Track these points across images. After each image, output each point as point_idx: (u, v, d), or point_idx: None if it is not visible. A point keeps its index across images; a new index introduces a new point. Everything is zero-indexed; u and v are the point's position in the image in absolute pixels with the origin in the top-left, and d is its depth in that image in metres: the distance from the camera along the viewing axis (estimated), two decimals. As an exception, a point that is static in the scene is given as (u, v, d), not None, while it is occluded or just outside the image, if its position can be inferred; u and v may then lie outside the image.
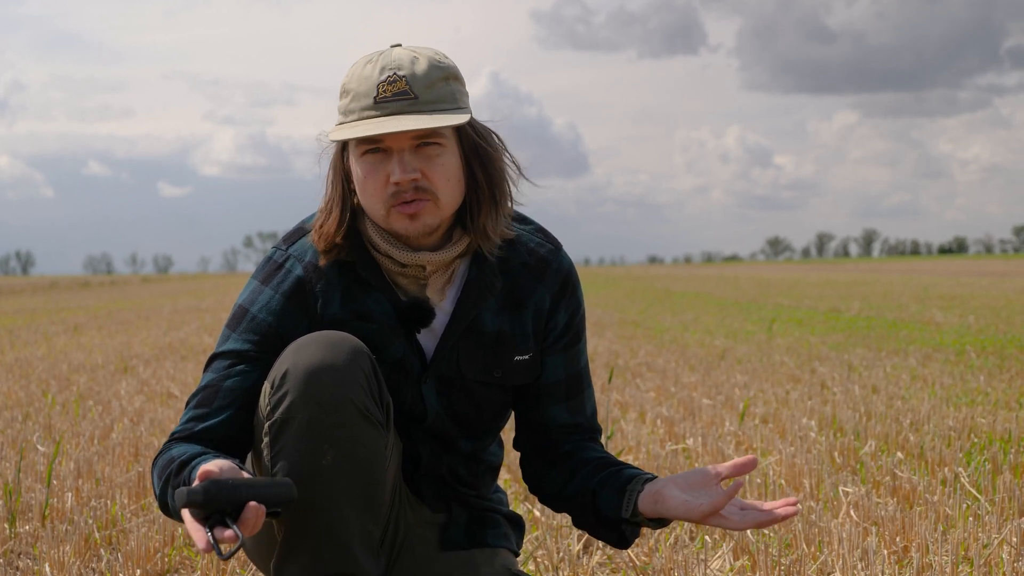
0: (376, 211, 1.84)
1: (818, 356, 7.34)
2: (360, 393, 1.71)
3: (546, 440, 2.04)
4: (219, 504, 1.51)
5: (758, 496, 3.15)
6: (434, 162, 1.81)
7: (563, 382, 2.02)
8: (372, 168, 1.81)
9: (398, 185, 1.80)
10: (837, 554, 2.49)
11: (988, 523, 2.73)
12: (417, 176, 1.80)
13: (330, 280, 1.89)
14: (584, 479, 1.94)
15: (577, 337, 2.03)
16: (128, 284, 42.16)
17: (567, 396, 2.03)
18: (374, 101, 1.78)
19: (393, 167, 1.79)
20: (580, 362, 2.04)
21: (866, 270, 47.51)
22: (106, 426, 4.57)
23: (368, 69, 1.81)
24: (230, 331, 1.87)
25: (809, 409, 4.71)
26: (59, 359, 7.92)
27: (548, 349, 2.00)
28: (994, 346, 7.83)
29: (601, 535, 1.94)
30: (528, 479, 2.08)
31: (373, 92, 1.78)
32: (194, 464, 1.69)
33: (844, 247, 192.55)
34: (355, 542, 1.73)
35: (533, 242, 1.99)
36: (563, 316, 1.99)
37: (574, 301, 2.01)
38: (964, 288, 20.72)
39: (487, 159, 1.88)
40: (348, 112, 1.81)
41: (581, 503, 1.94)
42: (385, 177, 1.81)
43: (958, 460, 3.53)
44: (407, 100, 1.78)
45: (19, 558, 2.75)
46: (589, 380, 2.08)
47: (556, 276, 1.98)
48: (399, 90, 1.78)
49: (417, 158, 1.80)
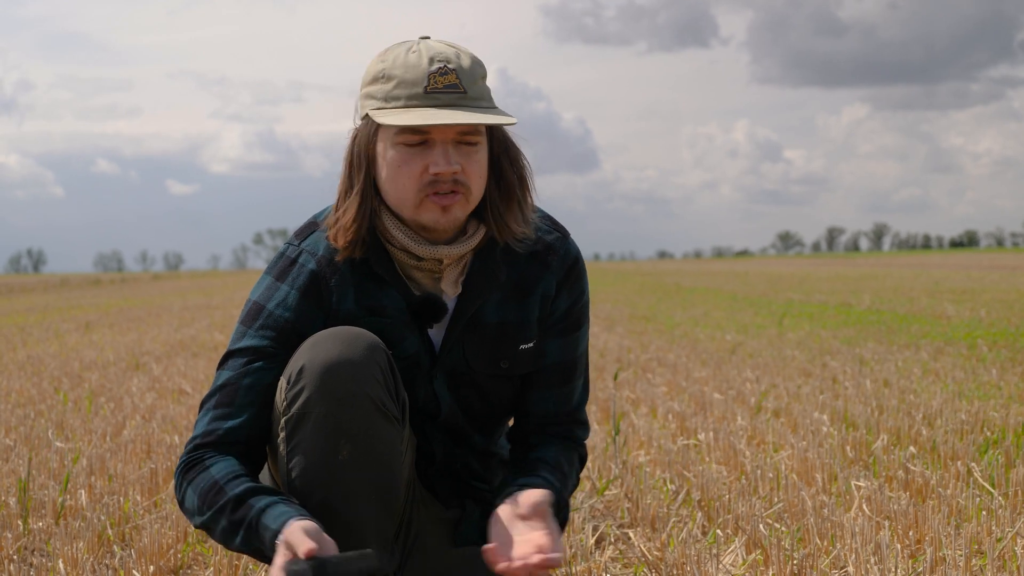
0: (407, 199, 1.82)
1: (829, 350, 7.32)
2: (376, 388, 1.71)
3: (524, 425, 2.04)
4: None
5: (769, 490, 3.15)
6: (472, 158, 1.81)
7: (556, 367, 2.01)
8: (410, 156, 1.80)
9: (438, 175, 1.79)
10: (850, 548, 2.48)
11: (1001, 517, 2.72)
12: (458, 169, 1.79)
13: (343, 275, 1.88)
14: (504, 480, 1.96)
15: (576, 325, 2.02)
16: (139, 282, 42.26)
17: (559, 383, 2.02)
18: (424, 91, 1.77)
19: (437, 158, 1.78)
20: (577, 350, 2.03)
21: (877, 264, 47.39)
22: (118, 423, 4.58)
23: (414, 58, 1.79)
24: (246, 327, 1.86)
25: (821, 403, 4.70)
26: (71, 356, 7.94)
27: (546, 333, 2.00)
28: (1006, 339, 7.81)
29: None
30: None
31: (424, 82, 1.77)
32: (267, 512, 1.67)
33: (855, 242, 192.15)
34: (370, 537, 1.73)
35: (541, 230, 1.99)
36: (564, 301, 1.99)
37: (577, 288, 2.01)
38: (975, 282, 20.66)
39: (515, 158, 1.90)
40: (391, 98, 1.79)
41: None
42: (423, 166, 1.79)
43: (971, 454, 3.52)
44: (457, 93, 1.77)
45: (33, 555, 2.75)
46: (584, 372, 2.06)
47: (563, 263, 1.98)
48: (450, 83, 1.77)
49: (458, 152, 1.80)
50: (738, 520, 2.82)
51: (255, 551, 1.71)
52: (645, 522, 2.92)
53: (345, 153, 1.88)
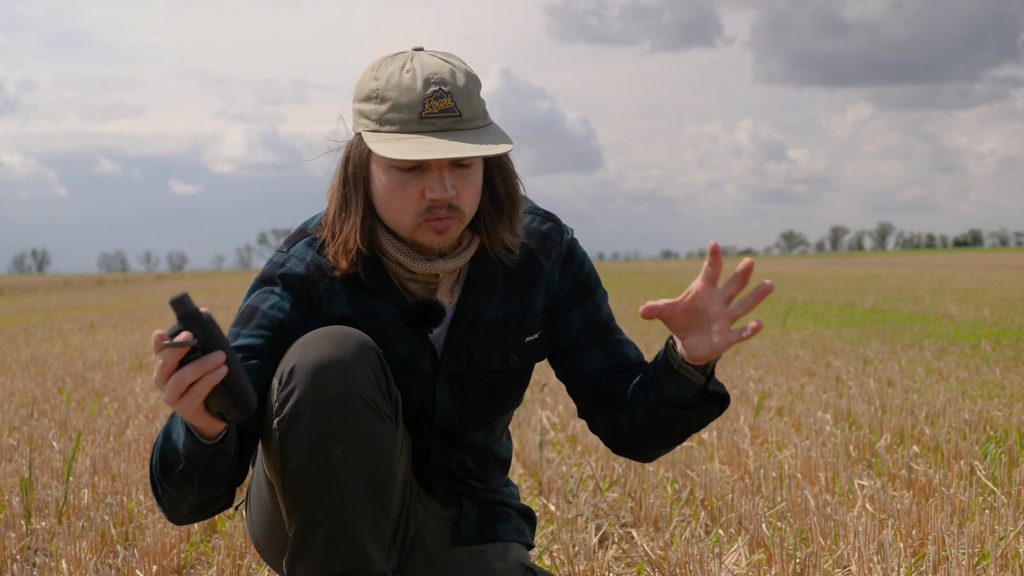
0: (403, 224, 1.82)
1: (833, 350, 7.32)
2: (368, 387, 1.71)
3: (596, 388, 1.99)
4: (201, 328, 1.52)
5: (773, 489, 3.15)
6: (468, 180, 1.81)
7: (585, 331, 2.00)
8: (405, 182, 1.78)
9: (435, 202, 1.78)
10: (853, 547, 2.48)
11: (1004, 516, 2.72)
12: (454, 195, 1.79)
13: (333, 281, 1.88)
14: (643, 402, 1.89)
15: (589, 291, 2.02)
16: (142, 282, 42.30)
17: (596, 342, 2.00)
18: (420, 116, 1.75)
19: (432, 183, 1.77)
20: (600, 312, 2.02)
21: (880, 264, 47.35)
22: (121, 423, 4.58)
23: (408, 79, 1.76)
24: (239, 329, 1.86)
25: (824, 402, 4.69)
26: (74, 357, 7.95)
27: (557, 311, 2.00)
28: (1009, 339, 7.80)
29: (704, 417, 1.89)
30: (608, 441, 2.01)
31: (418, 107, 1.74)
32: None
33: (858, 241, 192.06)
34: (366, 537, 1.73)
35: (535, 222, 1.99)
36: (568, 279, 2.00)
37: (576, 263, 2.01)
38: (979, 281, 20.64)
39: (507, 173, 1.90)
40: (386, 122, 1.77)
41: (662, 416, 1.88)
42: (420, 192, 1.78)
43: (974, 453, 3.51)
44: (452, 117, 1.75)
45: (36, 554, 2.76)
46: (621, 331, 2.04)
47: (560, 249, 1.99)
48: (445, 107, 1.75)
49: (452, 176, 1.79)
50: (741, 519, 2.82)
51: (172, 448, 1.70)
52: (648, 521, 2.92)
53: (339, 168, 1.86)
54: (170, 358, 1.52)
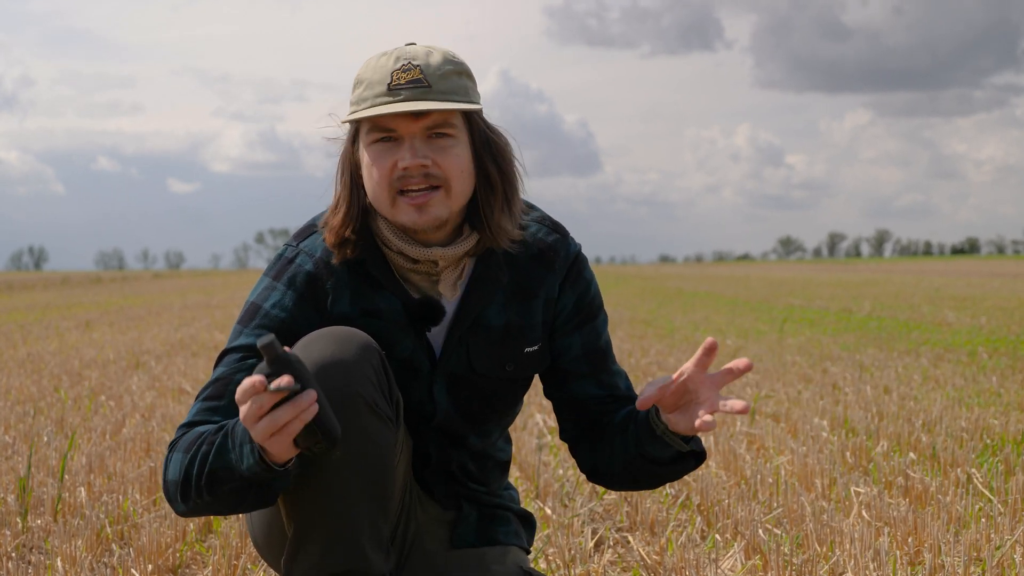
0: (382, 200, 1.83)
1: (830, 356, 7.32)
2: (369, 388, 1.71)
3: (583, 414, 2.02)
4: (292, 370, 1.52)
5: (769, 495, 3.15)
6: (448, 152, 1.82)
7: (583, 358, 2.01)
8: (379, 154, 1.82)
9: (406, 170, 1.80)
10: (849, 554, 2.48)
11: (1000, 524, 2.72)
12: (427, 163, 1.80)
13: (340, 277, 1.89)
14: (622, 450, 1.94)
15: (591, 316, 2.02)
16: (139, 280, 42.28)
17: (592, 371, 2.01)
18: (387, 88, 1.79)
19: (403, 153, 1.80)
20: (600, 339, 2.03)
21: (878, 270, 47.39)
22: (118, 421, 4.58)
23: (383, 60, 1.83)
24: (242, 327, 1.87)
25: (821, 409, 4.70)
26: (71, 355, 7.95)
27: (559, 331, 2.00)
28: (1006, 347, 7.81)
29: (681, 471, 1.93)
30: (584, 469, 2.06)
31: (387, 80, 1.79)
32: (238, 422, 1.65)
33: (856, 247, 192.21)
34: (365, 537, 1.73)
35: (541, 232, 1.99)
36: (569, 298, 1.99)
37: (581, 282, 2.01)
38: (976, 289, 20.66)
39: (499, 153, 1.89)
40: (361, 100, 1.82)
41: (639, 467, 1.93)
42: (392, 163, 1.81)
43: (971, 461, 3.52)
44: (421, 88, 1.78)
45: (31, 552, 2.75)
46: (615, 360, 2.06)
47: (564, 263, 1.99)
48: (413, 78, 1.79)
49: (428, 147, 1.81)
50: (737, 525, 2.82)
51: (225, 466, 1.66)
52: (644, 526, 2.92)
53: (338, 161, 1.92)
54: (267, 401, 1.52)
